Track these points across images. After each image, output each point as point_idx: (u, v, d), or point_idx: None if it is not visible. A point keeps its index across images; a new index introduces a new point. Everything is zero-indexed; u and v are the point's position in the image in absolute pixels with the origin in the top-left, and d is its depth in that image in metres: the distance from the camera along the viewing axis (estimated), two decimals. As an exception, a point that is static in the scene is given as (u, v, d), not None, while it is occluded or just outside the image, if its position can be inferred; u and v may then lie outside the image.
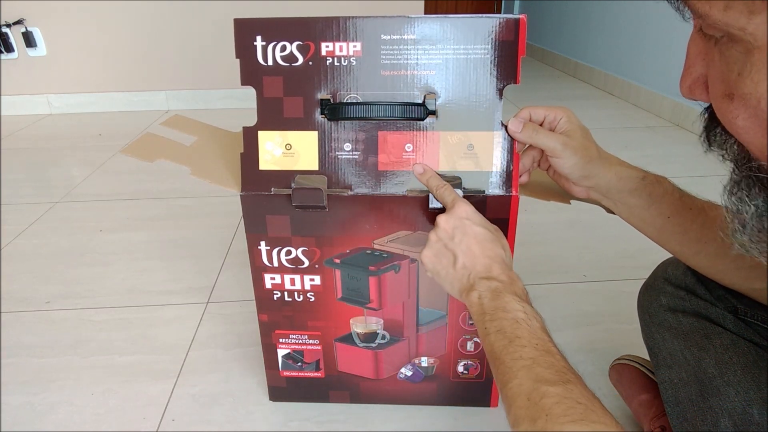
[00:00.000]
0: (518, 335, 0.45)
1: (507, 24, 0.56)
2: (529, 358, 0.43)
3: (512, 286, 0.50)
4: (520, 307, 0.47)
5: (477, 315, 0.49)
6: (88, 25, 2.28)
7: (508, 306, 0.47)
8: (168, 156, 0.64)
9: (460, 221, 0.53)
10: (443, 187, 0.57)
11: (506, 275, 0.51)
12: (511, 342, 0.45)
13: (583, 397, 0.38)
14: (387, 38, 0.57)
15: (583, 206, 0.64)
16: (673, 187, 0.57)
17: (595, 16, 2.82)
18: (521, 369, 0.42)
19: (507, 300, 0.48)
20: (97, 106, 2.42)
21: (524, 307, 0.47)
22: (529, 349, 0.43)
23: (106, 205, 1.47)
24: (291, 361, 0.73)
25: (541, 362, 0.42)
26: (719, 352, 0.53)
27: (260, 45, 0.58)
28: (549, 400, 0.38)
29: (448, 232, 0.53)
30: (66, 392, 0.82)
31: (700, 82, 0.35)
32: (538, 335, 0.45)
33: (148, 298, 1.05)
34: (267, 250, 0.65)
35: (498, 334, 0.46)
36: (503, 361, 0.44)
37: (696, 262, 0.58)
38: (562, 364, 0.42)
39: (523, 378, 0.41)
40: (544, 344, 0.44)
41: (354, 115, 0.59)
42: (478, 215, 0.54)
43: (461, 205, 0.54)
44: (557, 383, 0.40)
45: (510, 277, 0.51)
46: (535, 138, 0.56)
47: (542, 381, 0.40)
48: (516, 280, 0.51)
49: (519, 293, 0.49)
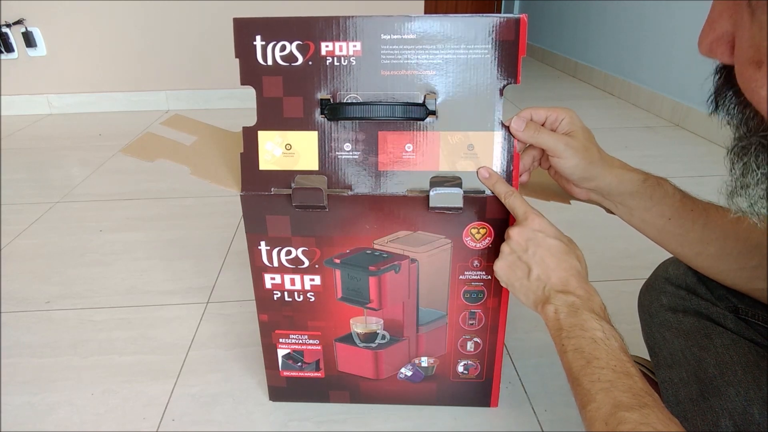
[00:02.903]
0: (596, 356, 0.44)
1: (507, 24, 0.56)
2: (607, 380, 0.42)
3: (590, 302, 0.49)
4: (598, 326, 0.47)
5: (554, 330, 0.49)
6: (88, 25, 2.28)
7: (586, 324, 0.47)
8: (168, 156, 0.64)
9: (534, 233, 0.53)
10: (512, 196, 0.56)
11: (583, 289, 0.50)
12: (589, 363, 0.44)
13: (660, 423, 0.38)
14: (387, 38, 0.57)
15: (583, 206, 0.64)
16: (674, 188, 0.57)
17: (595, 16, 2.82)
18: (599, 392, 0.42)
19: (585, 318, 0.47)
20: (97, 106, 2.42)
21: (602, 325, 0.47)
22: (607, 371, 0.43)
23: (106, 205, 1.47)
24: (291, 361, 0.73)
25: (619, 385, 0.42)
26: (720, 351, 0.53)
27: (260, 45, 0.58)
28: (626, 427, 0.38)
29: (522, 245, 0.53)
30: (66, 392, 0.82)
31: (724, 41, 0.33)
32: (617, 356, 0.44)
33: (148, 298, 1.05)
34: (267, 250, 0.65)
35: (576, 353, 0.46)
36: (581, 383, 0.44)
37: (697, 262, 0.58)
38: (640, 386, 0.42)
39: (601, 402, 0.41)
40: (623, 366, 0.43)
41: (354, 115, 0.58)
42: (552, 227, 0.54)
43: (534, 218, 0.54)
44: (634, 408, 0.39)
45: (587, 292, 0.50)
46: (536, 137, 0.56)
47: (619, 406, 0.40)
48: (593, 295, 0.50)
49: (597, 310, 0.49)
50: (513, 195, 0.57)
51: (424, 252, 0.65)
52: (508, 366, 0.85)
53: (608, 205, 0.59)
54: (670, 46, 2.15)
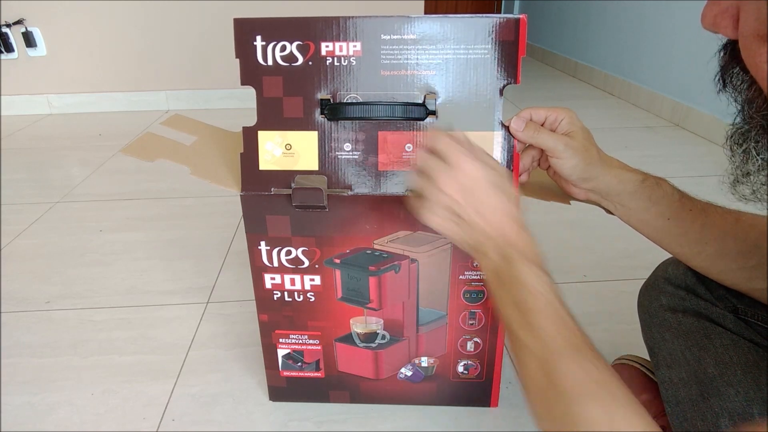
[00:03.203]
0: (530, 307, 0.43)
1: (507, 24, 0.56)
2: (541, 329, 0.42)
3: (526, 251, 0.47)
4: (534, 276, 0.45)
5: (490, 280, 0.47)
6: (88, 25, 2.28)
7: (522, 276, 0.45)
8: (168, 155, 0.64)
9: (466, 181, 0.49)
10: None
11: (520, 238, 0.48)
12: (524, 315, 0.43)
13: (597, 371, 0.38)
14: (387, 38, 0.57)
15: (583, 206, 0.64)
16: (673, 188, 0.57)
17: (595, 16, 2.82)
18: (534, 341, 0.41)
19: (520, 269, 0.46)
20: (97, 106, 2.42)
21: (538, 275, 0.45)
22: (542, 321, 0.42)
23: (106, 205, 1.47)
24: (291, 361, 0.73)
25: (553, 334, 0.41)
26: (719, 352, 0.53)
27: (260, 45, 0.58)
28: (563, 376, 0.38)
29: (453, 195, 0.49)
30: (66, 392, 0.82)
31: (729, 14, 0.32)
32: (552, 305, 0.43)
33: (148, 298, 1.05)
34: (267, 250, 0.65)
35: (512, 306, 0.45)
36: (518, 335, 0.43)
37: (696, 262, 0.58)
38: (577, 335, 0.41)
39: (537, 351, 0.41)
40: (557, 314, 0.43)
41: (354, 115, 0.58)
42: (482, 169, 0.49)
43: (464, 163, 0.49)
44: (572, 357, 0.39)
45: (524, 240, 0.48)
46: (536, 138, 0.56)
47: (554, 353, 0.39)
48: (530, 243, 0.48)
49: (532, 257, 0.47)
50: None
51: (424, 252, 0.65)
52: (508, 366, 0.85)
53: (607, 206, 0.59)
54: (670, 46, 2.15)
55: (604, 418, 0.35)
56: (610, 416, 0.35)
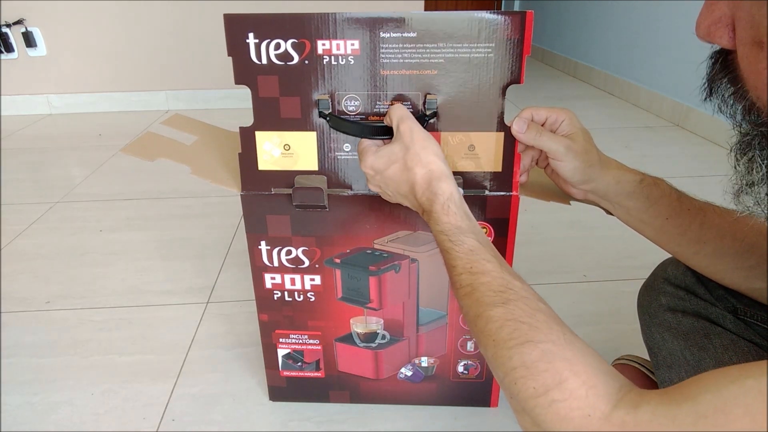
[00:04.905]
0: (453, 264, 0.46)
1: (513, 20, 0.54)
2: (467, 284, 0.44)
3: (436, 204, 0.49)
4: (446, 230, 0.48)
5: (426, 221, 0.52)
6: (88, 25, 2.28)
7: (439, 236, 0.48)
8: (168, 155, 0.63)
9: (376, 173, 0.54)
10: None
11: (423, 195, 0.50)
12: (449, 272, 0.47)
13: (526, 315, 0.39)
14: (386, 36, 0.55)
15: (583, 206, 0.64)
16: (671, 188, 0.57)
17: (595, 16, 2.82)
18: (463, 298, 0.44)
19: (435, 226, 0.49)
20: (97, 106, 2.42)
21: (450, 228, 0.47)
22: (465, 276, 0.44)
23: (106, 205, 1.47)
24: (291, 361, 0.73)
25: (478, 286, 0.43)
26: (719, 352, 0.53)
27: (253, 42, 0.56)
28: (492, 326, 0.40)
29: (377, 179, 0.55)
30: (66, 392, 0.82)
31: (723, 24, 0.32)
32: (470, 257, 0.45)
33: (148, 298, 1.05)
34: (267, 250, 0.65)
35: (445, 266, 0.48)
36: (454, 293, 0.46)
37: (695, 262, 0.58)
38: (500, 282, 0.43)
39: (467, 306, 0.43)
40: (479, 265, 0.44)
41: (353, 132, 0.57)
42: (382, 158, 0.53)
43: (366, 156, 0.55)
44: (497, 305, 0.41)
45: (433, 193, 0.50)
46: (538, 140, 0.55)
47: (483, 305, 0.41)
48: (438, 194, 0.49)
49: (443, 208, 0.49)
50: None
51: (424, 252, 0.65)
52: (508, 366, 0.84)
53: (606, 206, 0.59)
54: (670, 46, 2.15)
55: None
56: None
